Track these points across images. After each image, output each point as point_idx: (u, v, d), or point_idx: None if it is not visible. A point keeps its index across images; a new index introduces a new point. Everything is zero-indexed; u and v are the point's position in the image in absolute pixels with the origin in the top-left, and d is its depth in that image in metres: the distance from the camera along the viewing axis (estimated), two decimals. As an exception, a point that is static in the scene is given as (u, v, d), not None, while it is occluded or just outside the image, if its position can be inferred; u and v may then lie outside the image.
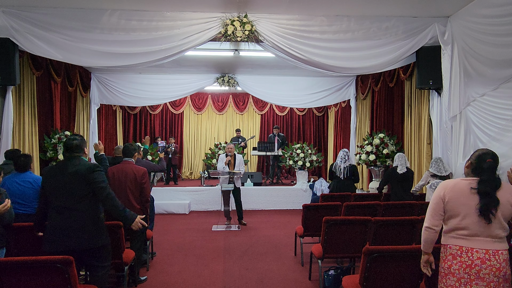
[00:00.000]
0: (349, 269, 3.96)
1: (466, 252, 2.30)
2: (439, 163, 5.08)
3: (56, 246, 2.88)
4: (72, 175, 2.94)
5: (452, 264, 2.33)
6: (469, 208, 2.31)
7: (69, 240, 2.88)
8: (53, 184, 2.96)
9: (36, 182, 4.04)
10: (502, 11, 4.06)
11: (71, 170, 2.95)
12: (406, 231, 3.85)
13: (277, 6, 5.06)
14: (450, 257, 2.36)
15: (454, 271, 2.31)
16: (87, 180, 2.94)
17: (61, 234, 2.88)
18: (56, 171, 3.00)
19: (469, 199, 2.32)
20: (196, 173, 12.20)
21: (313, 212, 4.75)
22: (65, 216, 2.90)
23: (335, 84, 9.03)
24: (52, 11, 4.98)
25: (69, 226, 2.88)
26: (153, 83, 8.81)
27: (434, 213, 2.40)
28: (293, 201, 8.78)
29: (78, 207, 2.92)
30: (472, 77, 4.83)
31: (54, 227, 2.91)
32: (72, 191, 2.92)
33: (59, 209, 2.92)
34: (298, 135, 12.77)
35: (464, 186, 2.36)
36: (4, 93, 5.28)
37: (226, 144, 7.81)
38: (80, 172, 2.94)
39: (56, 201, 2.94)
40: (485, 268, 2.24)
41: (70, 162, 3.01)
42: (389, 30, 5.36)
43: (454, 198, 2.35)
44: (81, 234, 2.90)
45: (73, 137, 3.11)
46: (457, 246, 2.34)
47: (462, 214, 2.32)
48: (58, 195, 2.94)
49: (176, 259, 5.04)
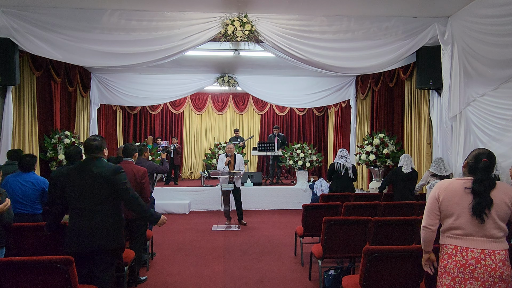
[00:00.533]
0: (349, 269, 3.96)
1: (461, 252, 2.31)
2: (440, 163, 5.08)
3: (79, 247, 2.89)
4: (96, 177, 2.93)
5: (448, 263, 2.34)
6: (463, 208, 2.32)
7: (93, 241, 2.89)
8: (75, 185, 2.93)
9: (39, 183, 4.04)
10: (502, 11, 4.06)
11: (94, 172, 2.94)
12: (406, 231, 3.86)
13: (277, 6, 5.06)
14: (446, 256, 2.37)
15: (449, 270, 2.33)
16: (111, 182, 2.94)
17: (85, 235, 2.88)
18: (77, 173, 2.98)
19: (462, 199, 2.33)
20: (196, 173, 12.20)
21: (313, 212, 4.75)
22: (88, 218, 2.89)
23: (335, 84, 9.03)
24: (52, 11, 4.98)
25: (92, 227, 2.88)
26: (153, 83, 8.82)
27: (430, 212, 2.42)
28: (293, 201, 8.78)
29: (102, 208, 2.92)
30: (472, 77, 4.83)
31: (77, 228, 2.90)
32: (96, 193, 2.92)
33: (81, 211, 2.91)
34: (298, 135, 12.77)
35: (458, 186, 2.37)
36: (4, 93, 5.28)
37: (226, 144, 7.81)
38: (105, 173, 2.94)
39: (78, 203, 2.92)
40: (479, 268, 2.24)
41: (92, 163, 2.99)
42: (389, 30, 5.36)
43: (448, 198, 2.36)
44: (105, 235, 2.91)
45: (93, 138, 3.09)
46: (452, 245, 2.35)
47: (456, 213, 2.33)
48: (80, 197, 2.92)
49: (176, 259, 5.04)
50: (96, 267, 2.99)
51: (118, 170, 3.00)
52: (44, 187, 4.06)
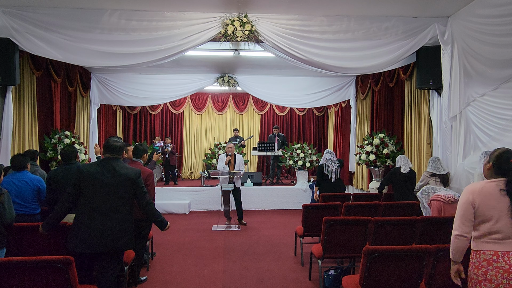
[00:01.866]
0: (349, 269, 3.96)
1: (502, 257, 2.21)
2: (437, 161, 5.09)
3: (91, 248, 2.86)
4: (122, 177, 2.96)
5: (488, 270, 2.23)
6: (501, 210, 2.24)
7: (108, 241, 2.89)
8: (98, 184, 2.93)
9: (33, 182, 4.01)
10: (502, 11, 4.06)
11: (120, 172, 2.97)
12: (406, 231, 3.85)
13: (277, 6, 5.06)
14: (485, 263, 2.25)
15: (491, 277, 2.22)
16: (134, 184, 3.00)
17: (101, 235, 2.86)
18: (101, 172, 2.96)
19: (499, 201, 2.25)
20: (196, 173, 12.20)
21: (313, 212, 4.75)
22: (108, 218, 2.90)
23: (335, 84, 9.03)
24: (52, 11, 4.98)
25: (111, 228, 2.89)
26: (153, 83, 8.81)
27: (464, 219, 2.30)
28: (293, 201, 8.77)
29: (122, 209, 2.95)
30: (472, 77, 4.83)
31: (92, 228, 2.87)
32: (119, 193, 2.94)
33: (101, 210, 2.90)
34: (298, 135, 12.77)
35: (492, 188, 2.28)
36: (4, 93, 5.28)
37: (226, 144, 7.81)
38: (130, 175, 2.99)
39: (99, 202, 2.91)
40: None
41: (115, 164, 3.01)
42: (389, 30, 5.36)
43: (484, 202, 2.26)
44: (120, 236, 2.92)
45: (116, 139, 3.12)
46: (492, 251, 2.24)
47: (495, 218, 2.24)
48: (103, 196, 2.92)
49: (176, 259, 5.04)
50: (103, 268, 2.99)
51: (139, 173, 3.09)
52: (39, 186, 4.03)
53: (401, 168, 5.28)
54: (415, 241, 3.86)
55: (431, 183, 5.09)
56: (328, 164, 5.86)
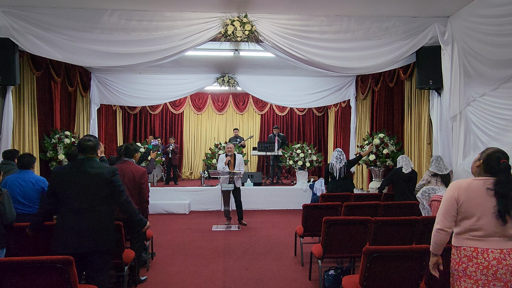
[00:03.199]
0: (349, 269, 3.96)
1: (482, 253, 2.24)
2: (440, 161, 5.08)
3: (70, 248, 2.85)
4: (95, 177, 2.94)
5: (468, 266, 2.27)
6: (485, 209, 2.25)
7: (87, 241, 2.87)
8: (71, 185, 2.93)
9: (38, 183, 4.04)
10: (502, 11, 4.06)
11: (92, 172, 2.95)
12: (406, 231, 3.85)
13: (277, 6, 5.06)
14: (465, 259, 2.29)
15: (471, 273, 2.25)
16: (109, 183, 2.97)
17: (78, 235, 2.86)
18: (72, 173, 2.97)
19: (485, 200, 2.26)
20: (196, 173, 12.20)
21: (313, 212, 4.75)
22: (84, 218, 2.89)
23: (335, 84, 9.03)
24: (52, 11, 4.98)
25: (88, 228, 2.88)
26: (153, 83, 8.82)
27: (447, 214, 2.32)
28: (293, 201, 8.77)
29: (99, 209, 2.93)
30: (472, 77, 4.83)
31: (70, 228, 2.88)
32: (93, 193, 2.93)
33: (77, 211, 2.90)
34: (298, 135, 12.77)
35: (478, 186, 2.30)
36: (4, 93, 5.28)
37: (226, 144, 7.81)
38: (103, 174, 2.96)
39: (76, 203, 2.91)
40: (501, 268, 2.20)
41: (87, 164, 2.99)
42: (389, 30, 5.37)
43: (469, 199, 2.28)
44: (99, 235, 2.91)
45: (87, 138, 3.09)
46: (472, 247, 2.27)
47: (478, 215, 2.26)
48: (77, 197, 2.91)
49: (176, 259, 5.04)
50: (91, 268, 2.97)
51: (115, 171, 3.03)
52: (44, 186, 4.05)
53: (402, 168, 5.28)
54: (415, 241, 3.86)
55: (432, 182, 5.09)
56: (333, 163, 5.88)
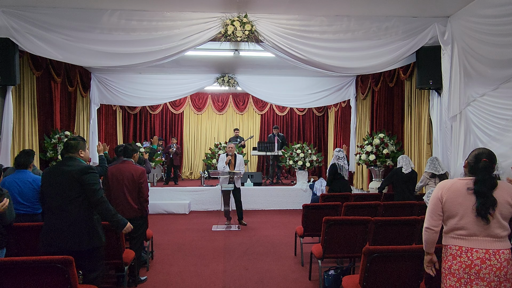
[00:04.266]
0: (349, 269, 3.96)
1: (466, 252, 2.29)
2: (435, 161, 5.09)
3: (50, 247, 2.89)
4: (65, 175, 2.94)
5: (452, 264, 2.33)
6: (466, 208, 2.30)
7: (61, 241, 2.89)
8: (49, 184, 2.98)
9: (35, 182, 4.02)
10: (502, 11, 4.06)
11: (65, 170, 2.96)
12: (406, 231, 3.85)
13: (277, 6, 5.05)
14: (450, 257, 2.35)
15: (454, 271, 2.31)
16: (80, 182, 2.92)
17: (54, 235, 2.90)
18: (52, 171, 3.03)
19: (465, 199, 2.32)
20: (196, 173, 12.21)
21: (313, 212, 4.75)
22: (58, 217, 2.92)
23: (335, 84, 9.03)
24: (52, 11, 4.98)
25: (61, 227, 2.90)
26: (153, 83, 8.81)
27: (432, 213, 2.39)
28: (293, 201, 8.78)
29: (70, 208, 2.92)
30: (472, 77, 4.83)
31: (48, 227, 2.93)
32: (65, 192, 2.93)
33: (52, 210, 2.95)
34: (298, 135, 12.77)
35: (461, 186, 2.35)
36: (4, 93, 5.28)
37: (226, 144, 7.81)
38: (73, 173, 2.93)
39: (50, 201, 2.96)
40: (485, 268, 2.23)
41: (65, 163, 3.03)
42: (389, 30, 5.36)
43: (451, 198, 2.34)
44: (72, 235, 2.90)
45: (72, 137, 3.15)
46: (456, 246, 2.33)
47: (460, 214, 2.32)
48: (52, 195, 2.95)
49: (176, 259, 5.04)
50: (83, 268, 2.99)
51: (87, 169, 2.97)
52: None
53: (402, 168, 5.27)
54: (415, 241, 3.86)
55: (430, 184, 5.08)
56: (340, 163, 5.86)
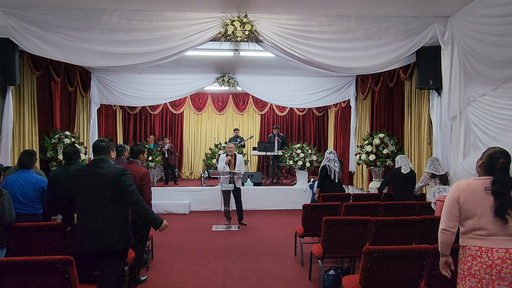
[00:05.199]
0: (349, 269, 3.96)
1: (486, 252, 2.26)
2: (435, 162, 5.09)
3: (83, 248, 2.92)
4: (100, 178, 2.97)
5: (472, 265, 2.29)
6: (484, 208, 2.28)
7: (98, 242, 2.91)
8: (79, 186, 2.98)
9: (38, 183, 4.03)
10: (502, 11, 4.06)
11: (99, 173, 2.98)
12: (406, 231, 3.85)
13: (277, 6, 5.06)
14: (469, 258, 2.31)
15: (475, 272, 2.27)
16: (116, 184, 2.98)
17: (89, 236, 2.91)
18: (82, 174, 3.02)
19: (483, 199, 2.29)
20: (196, 173, 12.21)
21: (313, 212, 4.75)
22: (93, 219, 2.93)
23: (335, 84, 9.03)
24: (52, 11, 4.98)
25: (97, 228, 2.92)
26: (153, 83, 8.82)
27: (449, 214, 2.36)
28: (293, 201, 8.77)
29: (106, 209, 2.96)
30: (472, 77, 4.83)
31: (82, 229, 2.94)
32: (100, 194, 2.96)
33: (86, 211, 2.95)
34: (298, 135, 12.77)
35: (478, 186, 2.32)
36: (4, 93, 5.28)
37: (226, 144, 7.81)
38: (110, 175, 2.98)
39: (83, 203, 2.96)
40: (505, 268, 2.21)
41: (98, 165, 3.04)
42: (389, 30, 5.36)
43: (468, 199, 2.31)
44: (110, 236, 2.94)
45: (101, 139, 3.16)
46: (476, 246, 2.30)
47: (478, 214, 2.29)
48: (85, 197, 2.96)
49: (176, 259, 5.04)
50: (104, 267, 3.01)
51: (123, 172, 3.04)
52: (44, 186, 4.05)
53: (401, 169, 5.27)
54: (415, 241, 3.86)
55: (431, 184, 5.09)
56: (331, 165, 5.85)
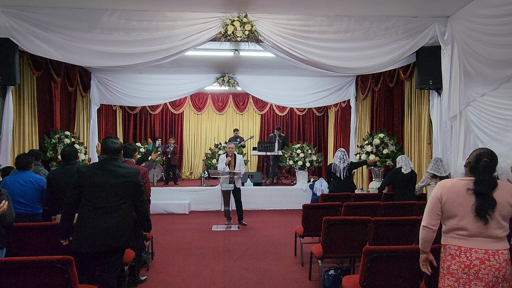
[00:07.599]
0: (349, 269, 3.96)
1: (465, 252, 2.29)
2: (439, 163, 5.08)
3: (94, 246, 2.91)
4: (123, 177, 3.04)
5: (451, 264, 2.32)
6: (466, 208, 2.29)
7: (111, 239, 2.95)
8: (98, 184, 2.98)
9: (38, 182, 4.04)
10: (502, 11, 4.06)
11: (120, 172, 3.05)
12: (406, 231, 3.86)
13: (277, 6, 5.05)
14: (449, 257, 2.35)
15: (453, 271, 2.31)
16: (136, 183, 3.08)
17: (102, 234, 2.92)
18: (98, 172, 3.02)
19: (465, 199, 2.30)
20: (196, 173, 12.20)
21: (313, 212, 4.75)
22: (109, 216, 2.96)
23: (335, 84, 9.03)
24: (52, 11, 4.98)
25: (111, 226, 2.95)
26: (153, 83, 8.82)
27: (431, 212, 2.39)
28: (293, 201, 8.78)
29: (123, 207, 3.03)
30: (472, 77, 4.83)
31: (95, 227, 2.93)
32: (120, 192, 3.02)
33: (102, 209, 2.96)
34: (298, 135, 12.77)
35: (461, 186, 2.34)
36: (4, 93, 5.28)
37: (226, 144, 7.81)
38: (131, 174, 3.07)
39: (98, 201, 2.97)
40: (484, 268, 2.23)
41: (114, 164, 3.08)
42: (389, 30, 5.36)
43: (451, 199, 2.33)
44: (121, 232, 2.99)
45: (114, 141, 3.17)
46: (456, 246, 2.33)
47: (460, 214, 2.31)
48: (101, 195, 2.97)
49: (176, 259, 5.04)
50: (108, 265, 3.04)
51: (139, 171, 3.17)
52: (43, 186, 4.06)
53: (402, 169, 5.27)
54: (415, 241, 3.85)
55: (431, 184, 5.08)
56: (335, 163, 5.89)
